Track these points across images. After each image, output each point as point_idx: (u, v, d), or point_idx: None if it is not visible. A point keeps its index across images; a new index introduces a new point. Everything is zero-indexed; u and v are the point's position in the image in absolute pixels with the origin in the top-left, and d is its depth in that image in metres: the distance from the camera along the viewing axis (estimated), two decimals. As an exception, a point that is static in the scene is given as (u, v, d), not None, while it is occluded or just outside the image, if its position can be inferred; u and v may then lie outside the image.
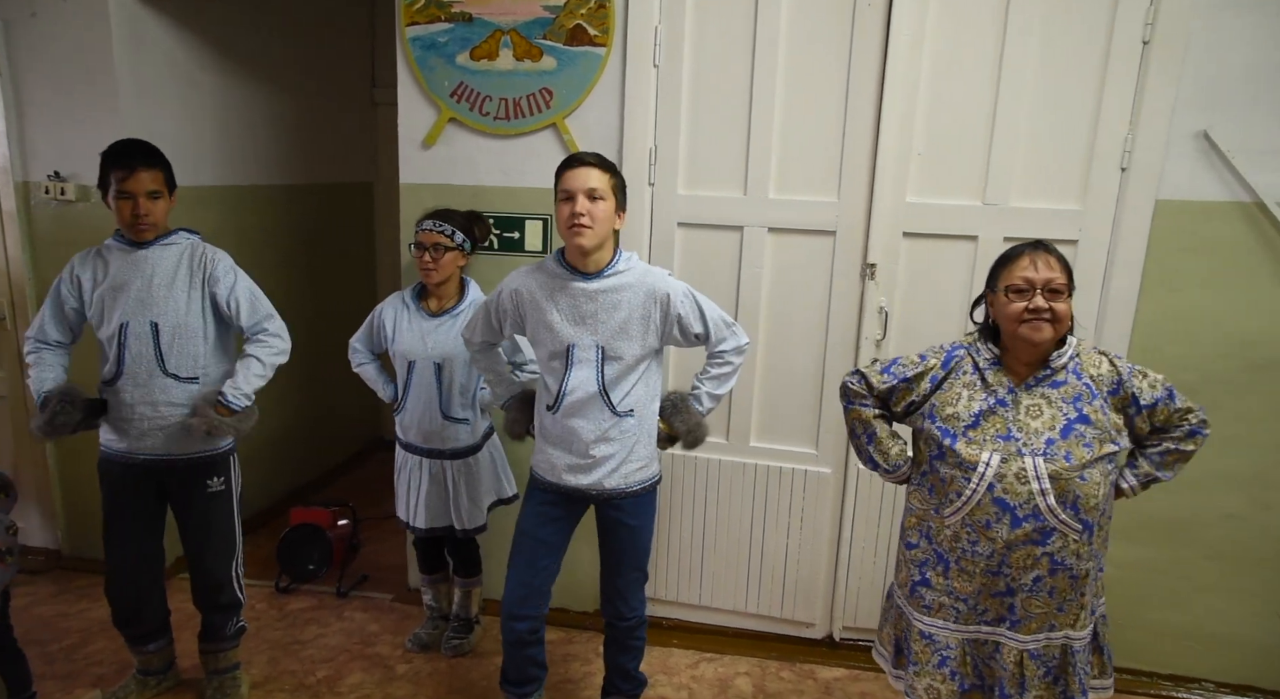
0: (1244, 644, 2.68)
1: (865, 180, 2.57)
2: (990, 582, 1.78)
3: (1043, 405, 1.75)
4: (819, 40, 2.54)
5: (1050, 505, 1.71)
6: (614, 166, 2.08)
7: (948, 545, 1.82)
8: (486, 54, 2.69)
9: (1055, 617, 1.78)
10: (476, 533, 2.72)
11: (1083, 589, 1.78)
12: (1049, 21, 2.42)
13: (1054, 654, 1.81)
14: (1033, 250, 1.77)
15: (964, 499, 1.76)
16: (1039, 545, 1.73)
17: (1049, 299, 1.71)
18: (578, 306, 2.08)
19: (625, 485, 2.17)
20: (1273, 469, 2.57)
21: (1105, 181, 2.47)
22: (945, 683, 1.85)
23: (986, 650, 1.84)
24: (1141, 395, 1.77)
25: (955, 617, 1.84)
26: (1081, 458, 1.71)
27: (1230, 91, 2.38)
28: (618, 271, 2.09)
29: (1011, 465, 1.72)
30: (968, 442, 1.76)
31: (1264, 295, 2.47)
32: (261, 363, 2.34)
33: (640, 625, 2.36)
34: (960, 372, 1.83)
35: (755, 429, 2.81)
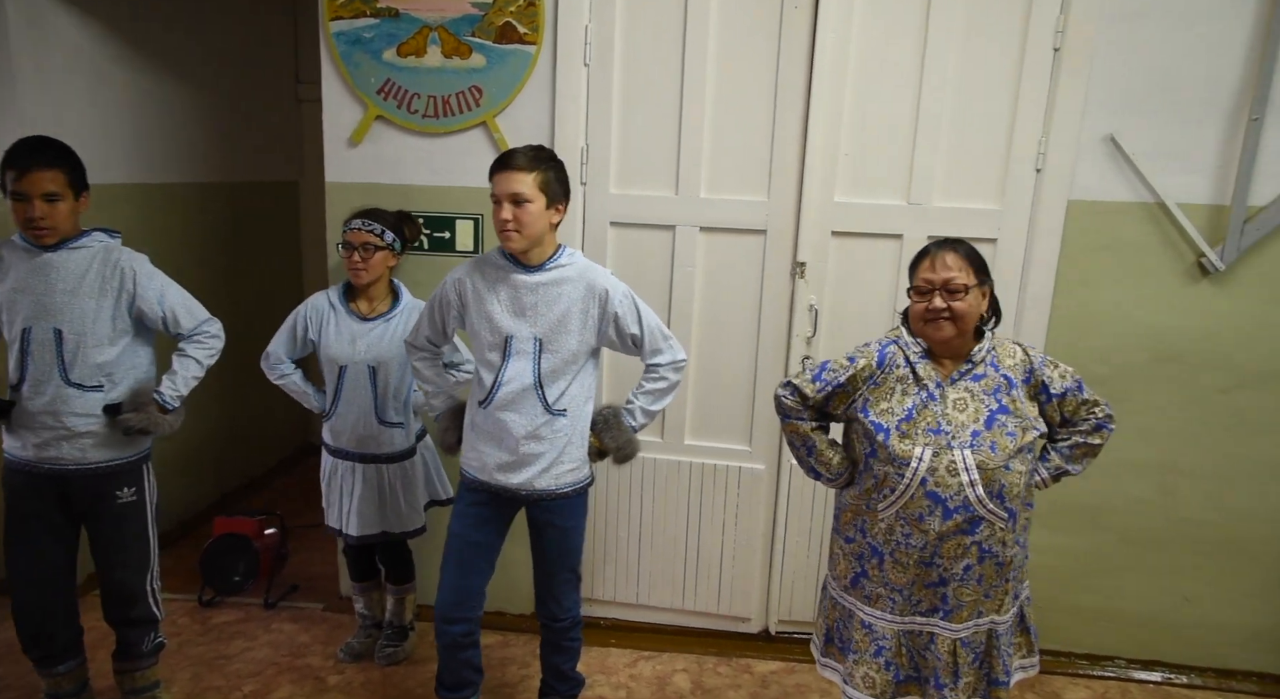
0: (1152, 621, 2.82)
1: (794, 180, 2.61)
2: (923, 572, 1.83)
3: (967, 399, 1.81)
4: (748, 41, 2.57)
5: (979, 496, 1.76)
6: (546, 160, 2.04)
7: (882, 538, 1.86)
8: (414, 51, 2.65)
9: (983, 604, 1.84)
10: (415, 535, 2.67)
11: (1008, 575, 1.84)
12: (967, 28, 2.50)
13: (980, 640, 1.87)
14: (937, 249, 1.82)
15: (898, 493, 1.80)
16: (968, 535, 1.78)
17: (947, 299, 1.77)
18: (518, 298, 2.08)
19: (556, 486, 2.15)
20: (1178, 456, 2.70)
21: (1021, 182, 2.56)
22: (880, 673, 1.89)
23: (922, 641, 1.88)
24: (1051, 384, 1.84)
25: (892, 608, 1.88)
26: (1005, 448, 1.77)
27: (1134, 98, 2.49)
28: (559, 265, 2.09)
29: (942, 459, 1.77)
30: (901, 436, 1.80)
31: (1168, 291, 2.60)
32: (199, 363, 2.32)
33: (575, 626, 2.35)
34: (894, 366, 1.86)
35: (690, 427, 2.83)
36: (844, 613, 1.97)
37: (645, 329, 2.14)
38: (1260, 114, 2.44)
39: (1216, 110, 2.48)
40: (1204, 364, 2.63)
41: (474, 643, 2.24)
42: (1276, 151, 2.47)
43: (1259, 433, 2.64)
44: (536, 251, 2.07)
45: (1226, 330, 2.60)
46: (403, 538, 2.67)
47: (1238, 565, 2.74)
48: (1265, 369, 2.59)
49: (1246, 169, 2.47)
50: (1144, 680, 2.81)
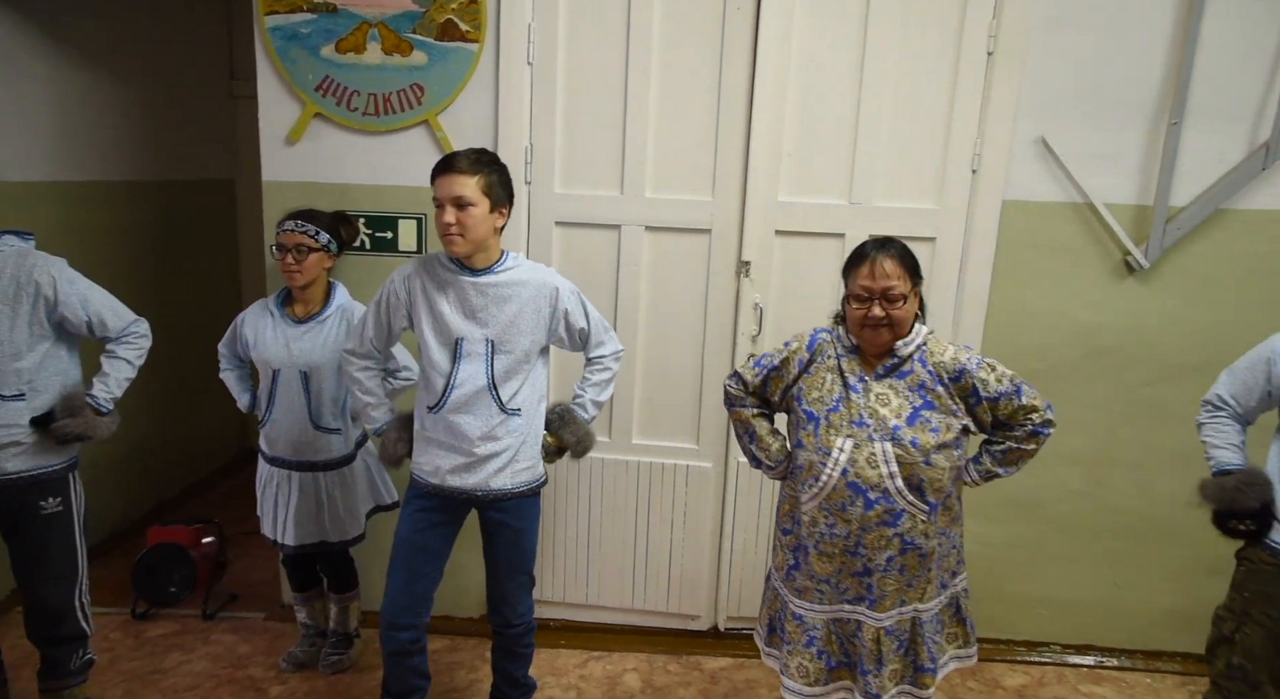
0: (1086, 608, 2.92)
1: (738, 180, 2.63)
2: (848, 562, 1.87)
3: (890, 394, 1.84)
4: (691, 42, 2.59)
5: (899, 488, 1.80)
6: (489, 164, 2.02)
7: (808, 529, 1.90)
8: (353, 47, 2.60)
9: (906, 593, 1.89)
10: (354, 543, 2.62)
11: (929, 565, 1.89)
12: (904, 31, 2.55)
13: (905, 628, 1.91)
14: (875, 252, 1.83)
15: (821, 483, 1.84)
16: (890, 526, 1.82)
17: (886, 307, 1.80)
18: (467, 301, 2.06)
19: (512, 486, 2.14)
20: (1109, 448, 2.80)
21: (958, 183, 2.63)
22: (813, 661, 1.94)
23: (850, 629, 1.93)
24: (984, 387, 1.83)
25: (820, 598, 1.92)
26: (927, 443, 1.80)
27: (1063, 102, 2.58)
28: (507, 269, 2.09)
29: (863, 450, 1.81)
30: (828, 426, 1.84)
31: (1097, 289, 2.70)
32: (130, 364, 2.27)
33: (528, 632, 2.32)
34: (825, 356, 1.91)
35: (637, 427, 2.84)
36: (781, 604, 2.02)
37: (592, 323, 2.17)
38: (1179, 118, 2.54)
39: (1139, 114, 2.58)
40: (1131, 358, 2.74)
41: (421, 649, 2.21)
42: (1194, 154, 2.58)
43: (1181, 423, 2.74)
44: (482, 256, 2.05)
45: (1151, 325, 2.70)
46: (342, 547, 2.61)
47: (1163, 551, 2.86)
48: (1186, 362, 2.70)
49: (1168, 171, 2.58)
50: (1078, 664, 2.91)
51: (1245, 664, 1.96)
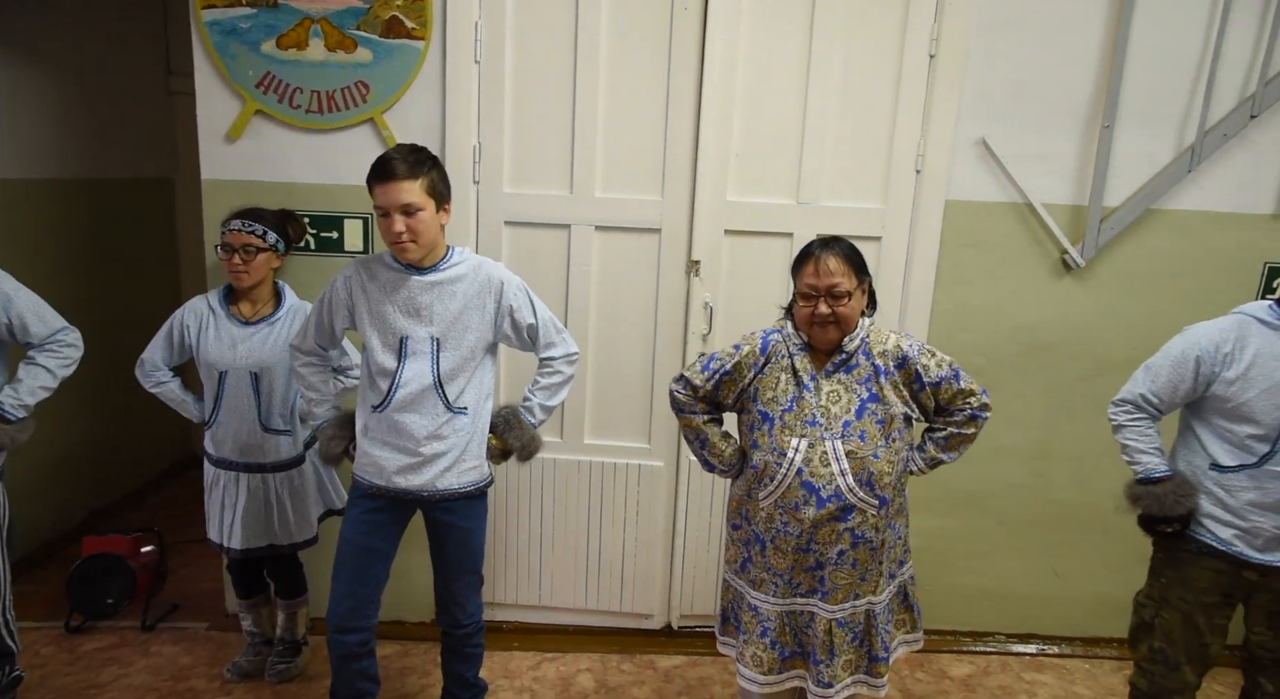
0: (1027, 598, 3.01)
1: (687, 179, 2.65)
2: (801, 558, 1.90)
3: (840, 390, 1.87)
4: (639, 41, 2.59)
5: (849, 485, 1.84)
6: (427, 162, 1.98)
7: (763, 526, 1.92)
8: (295, 43, 2.54)
9: (859, 586, 1.92)
10: (305, 546, 2.57)
11: (881, 558, 1.93)
12: (849, 34, 2.59)
13: (859, 620, 1.95)
14: (820, 250, 1.86)
15: (776, 483, 1.87)
16: (841, 522, 1.85)
17: (832, 304, 1.83)
18: (413, 299, 2.04)
19: (459, 486, 2.12)
20: (1048, 441, 2.88)
21: (902, 183, 2.68)
22: (767, 651, 1.97)
23: (803, 620, 1.96)
24: (926, 373, 1.89)
25: (774, 591, 1.95)
26: (874, 436, 1.84)
27: (1003, 104, 2.64)
28: (453, 265, 2.07)
29: (816, 449, 1.84)
30: (783, 426, 1.86)
31: (1036, 286, 2.77)
32: (51, 373, 2.17)
33: (478, 631, 2.31)
34: (778, 356, 1.93)
35: (589, 426, 2.83)
36: (736, 595, 2.05)
37: (540, 320, 2.14)
38: (1111, 121, 2.63)
39: (1074, 117, 2.66)
40: (1068, 354, 2.82)
41: (369, 652, 2.18)
42: (1126, 156, 2.67)
43: (1117, 417, 2.85)
44: (429, 255, 2.03)
45: (1087, 322, 2.79)
46: (291, 550, 2.56)
47: (1100, 541, 2.95)
48: (1120, 357, 2.78)
49: (1101, 172, 2.66)
50: (1021, 653, 2.99)
51: (1165, 648, 2.03)
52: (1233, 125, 2.64)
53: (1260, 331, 1.89)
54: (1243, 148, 2.67)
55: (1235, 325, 1.93)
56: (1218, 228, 2.72)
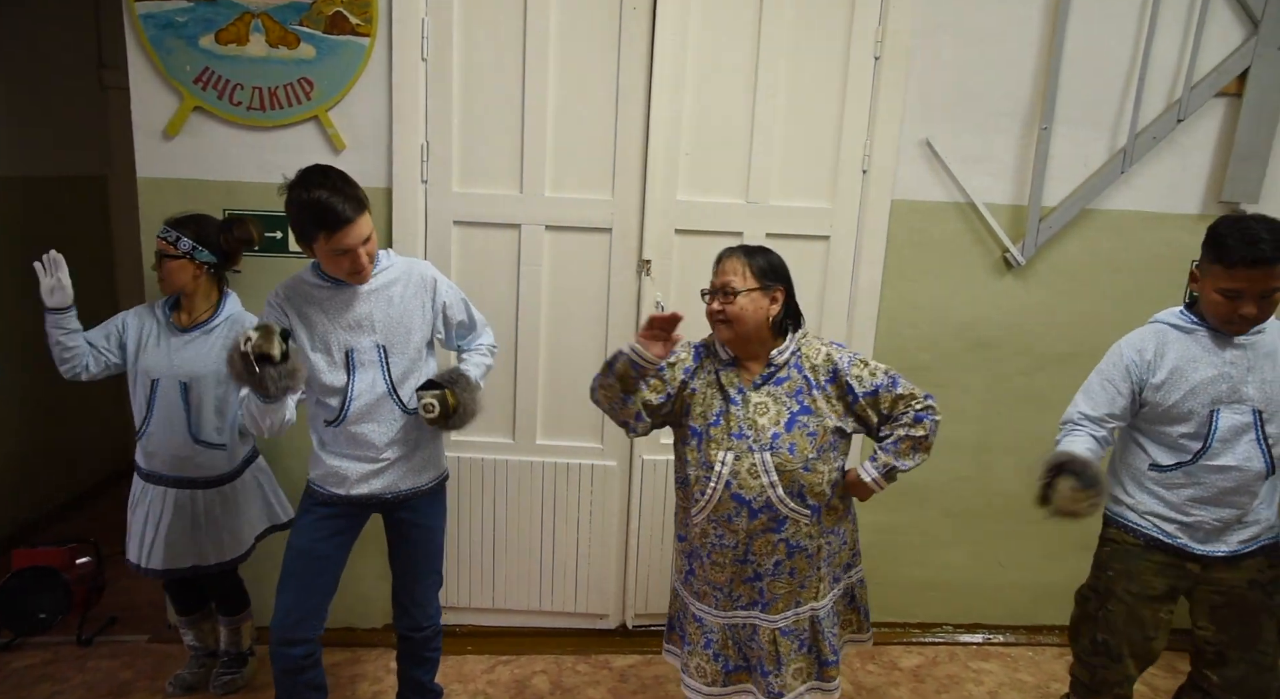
0: (973, 588, 3.08)
1: (638, 179, 2.65)
2: (740, 569, 1.91)
3: (769, 402, 1.87)
4: (589, 40, 2.58)
5: (780, 496, 1.84)
6: (354, 185, 1.93)
7: (699, 540, 1.93)
8: (235, 38, 2.48)
9: (799, 594, 1.93)
10: (235, 564, 2.47)
11: (819, 564, 1.93)
12: (796, 35, 2.62)
13: (804, 627, 1.96)
14: (726, 252, 1.92)
15: (707, 497, 1.87)
16: (775, 533, 1.87)
17: (722, 302, 1.86)
18: (350, 310, 2.01)
19: (419, 485, 2.13)
20: (991, 435, 2.96)
21: (850, 183, 2.72)
22: (710, 663, 1.97)
23: (745, 633, 1.96)
24: (859, 383, 1.87)
25: (716, 603, 1.96)
26: (804, 449, 1.84)
27: (945, 105, 2.70)
28: (383, 269, 2.05)
29: (744, 462, 1.84)
30: (709, 440, 1.87)
31: (979, 284, 2.84)
32: None
33: (437, 635, 2.30)
34: (705, 371, 1.94)
35: (541, 427, 2.81)
36: (682, 605, 2.05)
37: (470, 314, 2.21)
38: (1049, 124, 2.71)
39: (1013, 119, 2.73)
40: (1010, 350, 2.89)
41: (315, 663, 2.13)
42: (1063, 158, 2.75)
43: (1056, 409, 2.90)
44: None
45: (1027, 318, 2.87)
46: (218, 570, 2.44)
47: (1041, 531, 3.02)
48: (1059, 352, 2.88)
49: (1040, 173, 2.74)
50: (968, 642, 3.06)
51: (1108, 639, 2.06)
52: (1161, 128, 2.73)
53: (1176, 337, 1.97)
54: (1171, 150, 2.77)
55: (1153, 334, 2.00)
56: (1148, 227, 2.82)
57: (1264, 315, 1.87)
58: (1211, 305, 1.90)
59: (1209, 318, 1.94)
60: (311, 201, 1.86)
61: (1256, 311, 1.85)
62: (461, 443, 2.78)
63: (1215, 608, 2.02)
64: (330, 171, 1.92)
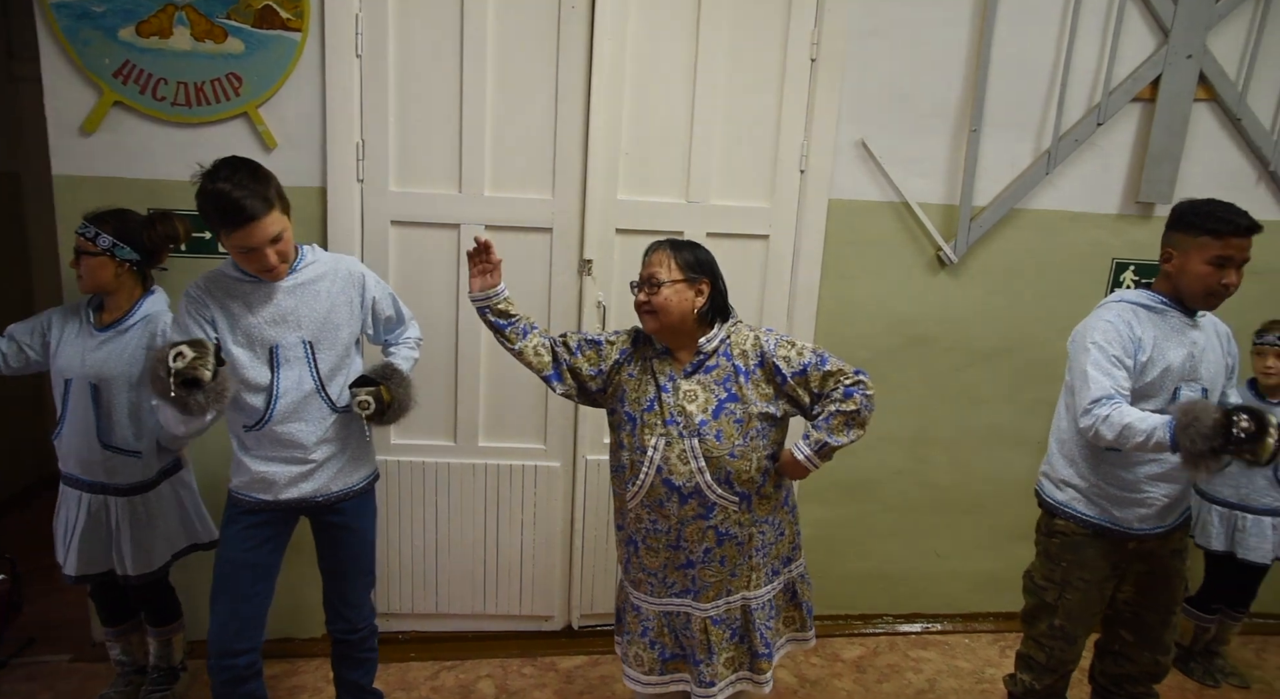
0: (911, 580, 3.15)
1: (578, 179, 2.64)
2: (673, 555, 1.93)
3: (698, 390, 1.89)
4: (527, 39, 2.56)
5: (708, 482, 1.86)
6: (266, 181, 1.85)
7: (634, 527, 1.95)
8: (157, 30, 2.39)
9: (730, 582, 1.95)
10: (147, 580, 2.34)
11: (750, 553, 1.95)
12: (734, 36, 2.64)
13: (735, 616, 1.97)
14: (654, 245, 1.95)
15: (640, 482, 1.90)
16: (704, 519, 1.89)
17: (648, 293, 1.89)
18: (275, 305, 1.95)
19: (349, 486, 2.09)
20: (927, 428, 3.03)
21: (788, 183, 2.75)
22: (647, 651, 1.99)
23: (680, 621, 1.98)
24: (787, 364, 1.88)
25: (651, 591, 1.98)
26: (731, 435, 1.86)
27: (880, 107, 2.76)
28: (308, 264, 2.00)
29: (675, 448, 1.86)
30: (643, 426, 1.90)
31: (914, 282, 2.91)
32: None
33: (372, 635, 2.26)
34: (641, 357, 1.97)
35: (483, 429, 2.78)
36: (626, 595, 2.06)
37: (398, 309, 2.20)
38: (978, 126, 2.79)
39: (944, 121, 2.80)
40: (944, 346, 2.97)
41: (256, 673, 2.07)
42: (992, 159, 2.84)
43: (987, 403, 3.03)
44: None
45: (960, 315, 2.95)
46: (135, 582, 2.33)
47: (975, 521, 3.13)
48: (989, 347, 2.97)
49: (970, 173, 2.82)
50: (907, 632, 3.14)
51: (1065, 625, 2.15)
52: (1083, 131, 2.84)
53: (1148, 316, 2.03)
54: (1092, 153, 2.89)
55: (1129, 311, 2.03)
56: (1073, 226, 2.93)
57: (1238, 285, 1.97)
58: (1197, 278, 1.97)
59: (1192, 293, 2.00)
60: (215, 194, 1.80)
61: (1236, 280, 1.96)
62: (402, 446, 2.73)
63: (1140, 575, 2.15)
64: (242, 165, 1.85)
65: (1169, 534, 2.11)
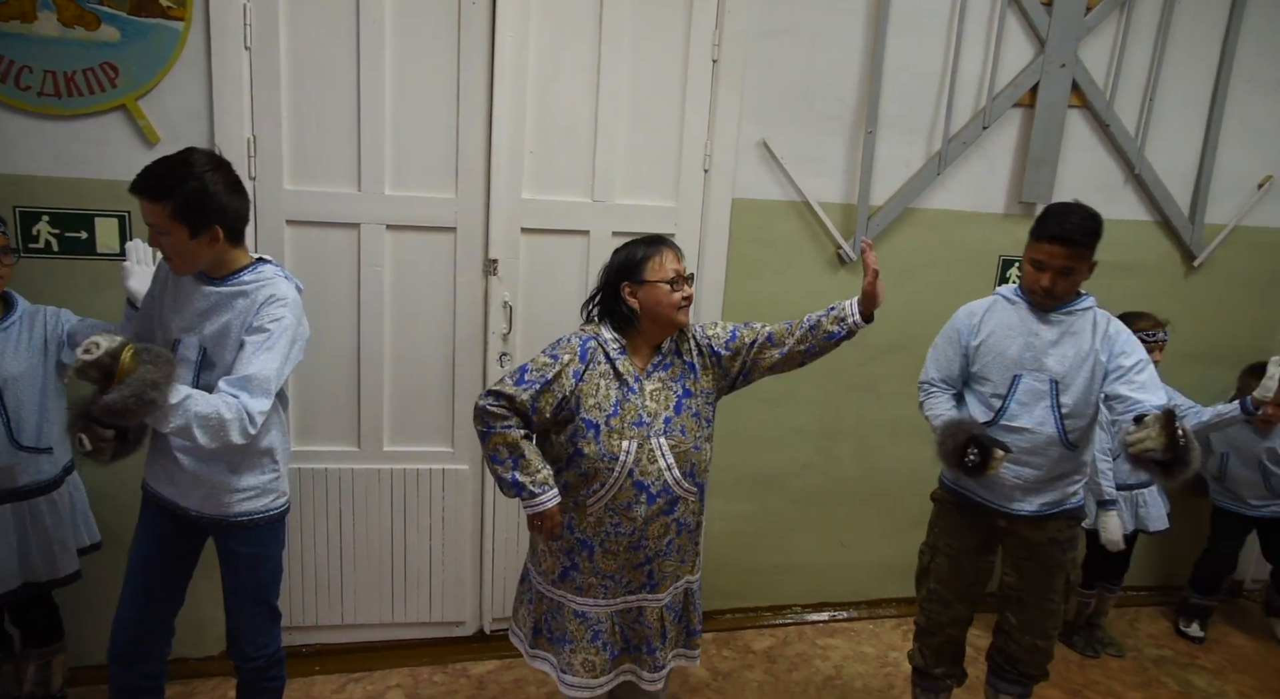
0: (818, 570, 3.24)
1: (481, 177, 2.61)
2: (632, 556, 1.94)
3: (660, 388, 1.93)
4: (427, 33, 2.51)
5: (676, 478, 1.91)
6: (175, 183, 1.73)
7: (591, 531, 1.92)
8: (18, 15, 2.23)
9: (680, 568, 2.01)
10: (68, 582, 2.25)
11: (697, 538, 2.04)
12: (636, 35, 2.66)
13: (679, 600, 2.05)
14: (666, 245, 1.95)
15: (607, 487, 1.88)
16: (668, 514, 1.92)
17: (688, 288, 1.93)
18: (193, 304, 1.86)
19: (249, 512, 1.95)
20: (832, 422, 3.12)
21: (692, 182, 2.79)
22: (598, 654, 1.97)
23: (631, 616, 2.00)
24: (716, 341, 2.01)
25: (604, 593, 1.96)
26: (693, 429, 1.93)
27: (780, 108, 2.82)
28: (241, 281, 1.86)
29: (644, 448, 1.88)
30: (609, 431, 1.87)
31: (816, 279, 2.99)
32: None
33: (275, 664, 2.12)
34: (596, 362, 1.92)
35: (388, 433, 2.71)
36: (553, 605, 2.01)
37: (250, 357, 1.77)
38: (873, 128, 2.89)
39: (842, 123, 2.89)
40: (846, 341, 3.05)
41: (158, 688, 1.97)
42: (887, 160, 2.94)
43: (887, 397, 3.13)
44: (217, 268, 1.86)
45: (860, 311, 3.04)
46: (52, 587, 2.24)
47: (878, 511, 3.23)
48: (888, 341, 3.07)
49: (867, 174, 2.91)
50: (815, 621, 3.22)
51: (938, 587, 2.33)
52: (970, 135, 2.98)
53: (1004, 306, 2.21)
54: (979, 155, 3.03)
55: (989, 302, 2.26)
56: (962, 225, 3.07)
57: (1056, 289, 2.09)
58: (1025, 274, 2.15)
59: (1026, 289, 2.17)
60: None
61: (1049, 285, 2.08)
62: (303, 453, 2.64)
63: (1019, 559, 2.27)
64: (180, 160, 1.77)
65: (1041, 521, 2.21)
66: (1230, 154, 3.24)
